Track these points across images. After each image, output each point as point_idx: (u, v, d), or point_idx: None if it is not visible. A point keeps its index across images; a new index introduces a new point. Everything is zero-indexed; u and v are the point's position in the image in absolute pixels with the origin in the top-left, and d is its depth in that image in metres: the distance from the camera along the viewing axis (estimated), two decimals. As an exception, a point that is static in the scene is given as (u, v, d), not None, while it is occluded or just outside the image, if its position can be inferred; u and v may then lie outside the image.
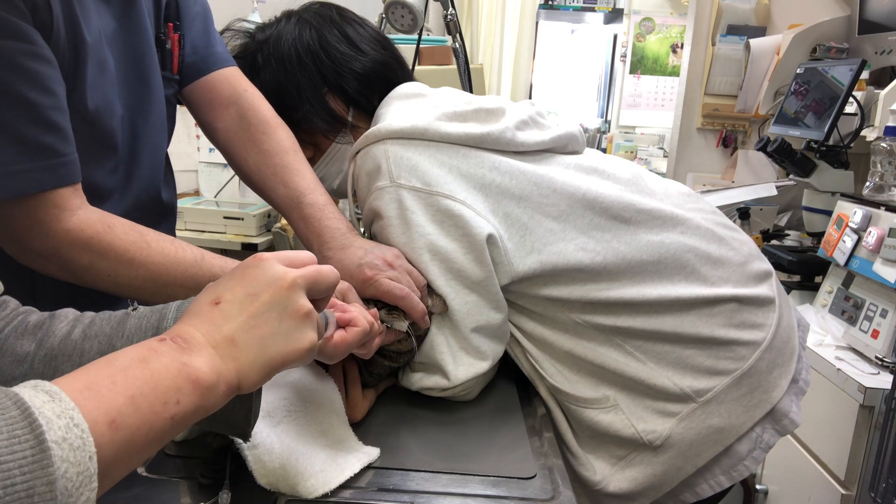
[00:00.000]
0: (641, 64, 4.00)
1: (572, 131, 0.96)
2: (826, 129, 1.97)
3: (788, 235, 2.32)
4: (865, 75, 2.17)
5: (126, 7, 0.84)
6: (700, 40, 2.80)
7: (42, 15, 0.70)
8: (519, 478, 0.72)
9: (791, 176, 2.14)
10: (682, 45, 3.47)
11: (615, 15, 4.08)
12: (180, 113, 1.02)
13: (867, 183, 1.78)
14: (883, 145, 1.71)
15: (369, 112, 1.01)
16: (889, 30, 2.14)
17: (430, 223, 0.83)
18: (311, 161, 1.00)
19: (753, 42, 2.67)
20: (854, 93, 1.98)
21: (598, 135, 4.14)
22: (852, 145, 2.03)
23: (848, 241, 1.68)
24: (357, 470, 0.69)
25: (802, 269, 1.97)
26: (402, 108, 0.94)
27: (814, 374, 1.17)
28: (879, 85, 2.07)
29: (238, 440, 0.64)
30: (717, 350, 0.87)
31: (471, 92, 1.57)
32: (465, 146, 0.87)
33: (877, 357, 1.51)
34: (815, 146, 2.03)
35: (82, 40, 0.75)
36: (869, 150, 1.80)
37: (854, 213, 1.69)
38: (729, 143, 2.88)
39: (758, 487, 1.86)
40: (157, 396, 0.43)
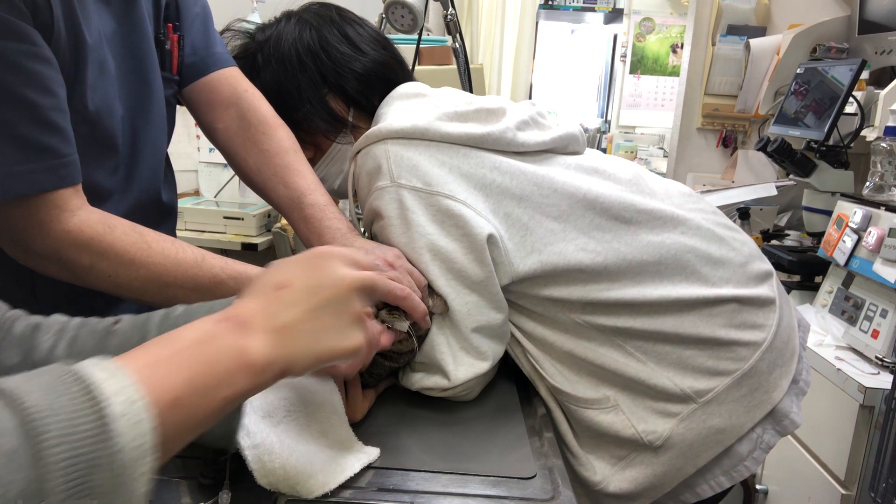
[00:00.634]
0: (641, 64, 4.00)
1: (573, 131, 0.96)
2: (826, 129, 1.96)
3: (788, 235, 2.32)
4: (865, 75, 2.17)
5: (126, 8, 0.84)
6: (700, 40, 2.80)
7: (43, 16, 0.70)
8: (519, 478, 0.72)
9: (791, 176, 2.14)
10: (682, 45, 3.47)
11: (615, 15, 4.07)
12: (180, 113, 1.02)
13: (867, 183, 1.78)
14: (883, 145, 1.71)
15: (370, 112, 1.01)
16: (889, 30, 2.14)
17: (431, 223, 0.83)
18: (312, 161, 1.00)
19: (753, 42, 2.67)
20: (854, 93, 1.98)
21: (598, 135, 4.14)
22: (852, 145, 2.03)
23: (848, 241, 1.68)
24: (357, 470, 0.69)
25: (802, 269, 1.97)
26: (403, 108, 0.94)
27: (814, 375, 1.17)
28: (879, 85, 2.07)
29: (238, 440, 0.64)
30: (718, 350, 0.87)
31: (471, 92, 1.56)
32: (466, 146, 0.87)
33: (877, 357, 1.51)
34: (815, 146, 2.03)
35: (83, 41, 0.75)
36: (869, 150, 1.80)
37: (854, 213, 1.69)
38: (729, 143, 2.88)
39: (758, 487, 1.86)
40: (213, 379, 0.45)
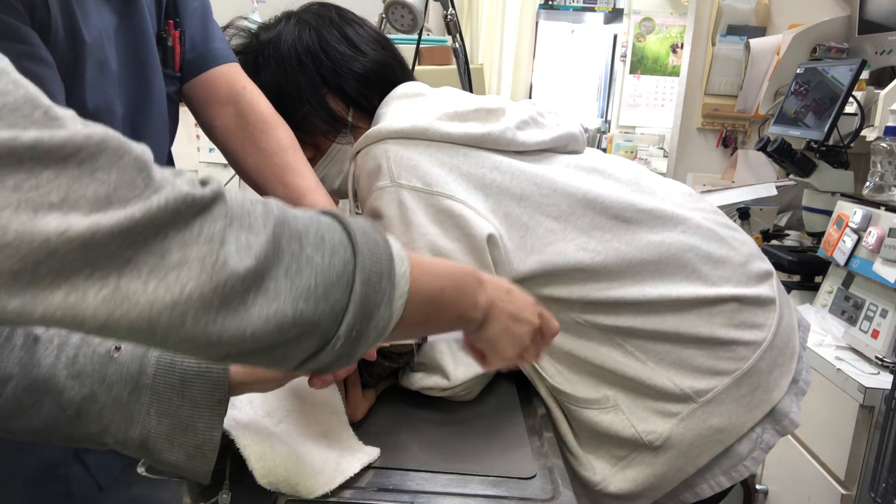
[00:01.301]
0: (641, 64, 4.00)
1: (573, 131, 0.96)
2: (826, 129, 1.96)
3: (788, 235, 2.31)
4: (865, 75, 2.17)
5: (127, 5, 0.84)
6: (700, 40, 2.79)
7: (40, 15, 0.69)
8: (519, 478, 0.72)
9: (791, 176, 2.14)
10: (682, 45, 3.47)
11: (615, 15, 4.07)
12: (181, 113, 1.02)
13: (867, 183, 1.77)
14: (883, 145, 1.71)
15: (370, 112, 1.01)
16: (889, 30, 2.14)
17: (431, 223, 0.83)
18: (312, 162, 1.00)
19: (753, 42, 2.66)
20: (854, 93, 1.97)
21: (598, 135, 4.14)
22: (852, 145, 2.03)
23: (848, 241, 1.68)
24: (357, 470, 0.69)
25: (802, 269, 1.97)
26: (403, 108, 0.94)
27: (814, 374, 1.17)
28: (879, 85, 2.07)
29: (238, 442, 0.64)
30: (718, 350, 0.87)
31: (471, 92, 1.56)
32: (466, 146, 0.87)
33: (877, 357, 1.51)
34: (815, 146, 2.02)
35: (81, 40, 0.75)
36: (869, 150, 1.80)
37: (854, 213, 1.68)
38: (729, 143, 2.87)
39: (758, 487, 1.86)
40: (452, 303, 0.58)
